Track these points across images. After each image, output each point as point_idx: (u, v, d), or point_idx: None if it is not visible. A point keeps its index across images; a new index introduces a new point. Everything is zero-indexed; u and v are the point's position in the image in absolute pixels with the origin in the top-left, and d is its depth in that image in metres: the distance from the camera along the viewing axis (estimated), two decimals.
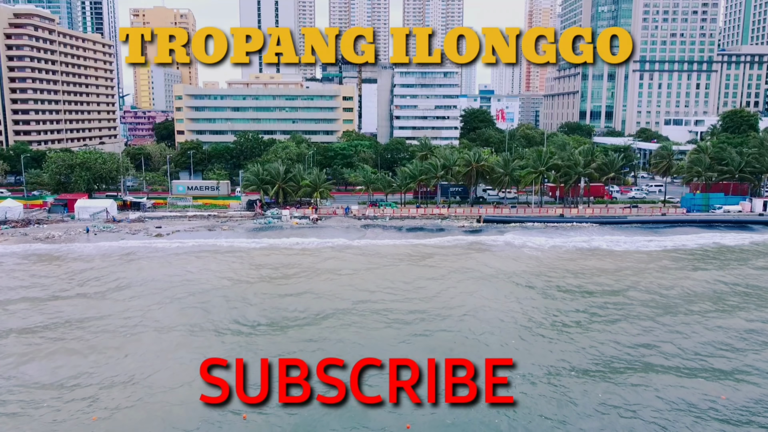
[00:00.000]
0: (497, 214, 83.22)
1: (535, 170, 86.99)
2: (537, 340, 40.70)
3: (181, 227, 77.76)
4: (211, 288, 51.33)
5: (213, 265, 59.15)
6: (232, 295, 49.66)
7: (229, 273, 56.13)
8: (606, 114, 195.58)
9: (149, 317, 44.74)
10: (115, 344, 39.65)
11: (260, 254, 64.27)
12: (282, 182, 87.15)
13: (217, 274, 55.98)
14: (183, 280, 54.13)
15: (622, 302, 48.82)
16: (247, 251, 65.64)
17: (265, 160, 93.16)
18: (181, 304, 48.14)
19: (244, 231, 76.40)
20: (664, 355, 38.25)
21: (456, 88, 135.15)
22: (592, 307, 47.34)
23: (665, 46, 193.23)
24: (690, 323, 43.95)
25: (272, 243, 69.01)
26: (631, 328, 43.00)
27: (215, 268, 57.98)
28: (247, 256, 63.32)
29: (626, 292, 51.46)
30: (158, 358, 37.13)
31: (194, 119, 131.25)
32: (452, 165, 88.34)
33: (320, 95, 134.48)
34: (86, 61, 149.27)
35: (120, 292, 50.12)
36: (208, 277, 55.15)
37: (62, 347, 39.21)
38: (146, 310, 46.15)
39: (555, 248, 68.69)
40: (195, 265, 60.13)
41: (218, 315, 44.72)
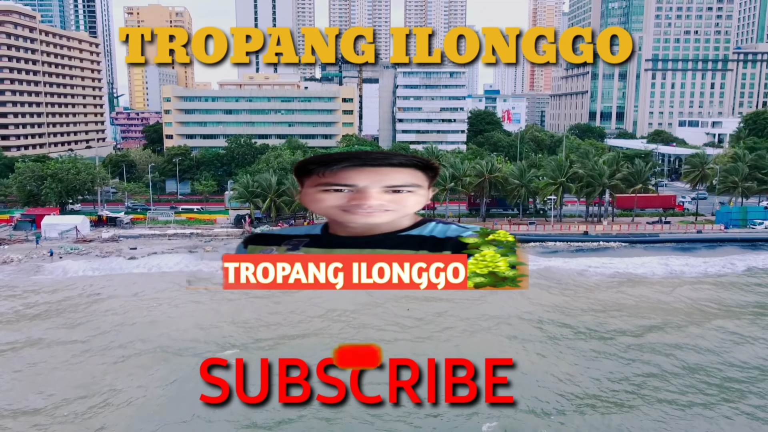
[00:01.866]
0: (514, 232, 73.70)
1: (554, 181, 77.50)
2: (594, 420, 31.21)
3: (159, 248, 68.34)
4: (185, 345, 41.79)
5: (189, 306, 49.59)
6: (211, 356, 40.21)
7: (209, 316, 46.63)
8: (617, 115, 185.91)
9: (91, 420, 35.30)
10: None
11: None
12: (274, 195, 77.69)
13: (195, 318, 46.47)
14: (151, 333, 44.64)
15: (679, 369, 39.28)
16: None
17: (256, 170, 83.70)
18: (142, 377, 38.69)
19: (230, 252, 67.05)
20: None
21: (463, 89, 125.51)
22: (644, 373, 37.80)
23: (678, 44, 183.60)
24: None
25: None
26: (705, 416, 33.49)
27: (190, 311, 48.45)
28: (231, 293, 53.87)
29: (680, 352, 41.95)
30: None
31: (184, 122, 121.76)
32: (462, 175, 78.87)
33: (318, 97, 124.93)
34: (71, 60, 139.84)
35: (65, 347, 40.64)
36: (182, 324, 45.61)
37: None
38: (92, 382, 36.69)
39: (584, 275, 59.23)
40: (169, 300, 50.72)
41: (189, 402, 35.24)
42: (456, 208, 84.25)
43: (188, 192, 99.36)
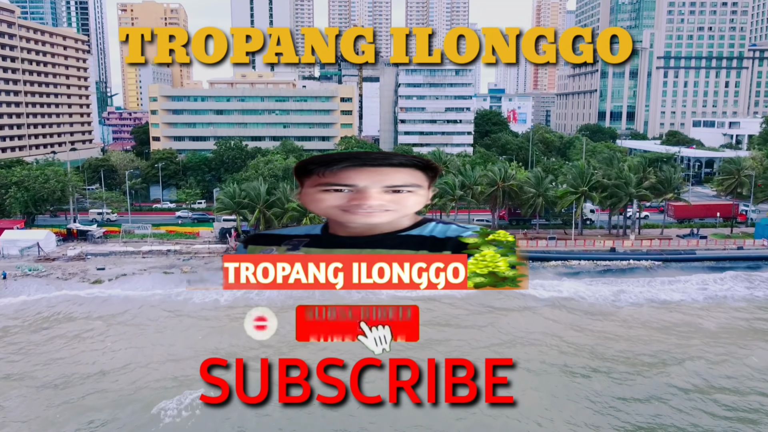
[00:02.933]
0: (531, 249, 64.99)
1: (575, 190, 68.76)
2: None
3: (130, 268, 59.71)
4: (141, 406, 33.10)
5: (154, 349, 40.87)
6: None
7: (176, 373, 37.90)
8: (627, 115, 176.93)
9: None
10: None
11: (226, 318, 46.16)
12: (263, 205, 69.00)
13: (158, 373, 37.75)
14: (103, 387, 36.01)
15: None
16: (210, 310, 47.62)
17: (244, 178, 75.00)
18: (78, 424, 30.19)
19: (210, 273, 58.41)
20: None
21: (470, 88, 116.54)
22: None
23: (692, 40, 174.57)
24: None
25: (247, 296, 50.72)
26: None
27: (157, 357, 39.70)
28: (205, 323, 45.18)
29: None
30: None
31: (171, 124, 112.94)
32: (473, 184, 70.15)
33: (315, 96, 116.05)
34: (55, 57, 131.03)
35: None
36: (143, 377, 36.94)
37: None
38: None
39: (616, 304, 50.59)
40: (131, 340, 42.13)
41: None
42: (466, 217, 75.59)
43: (174, 199, 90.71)
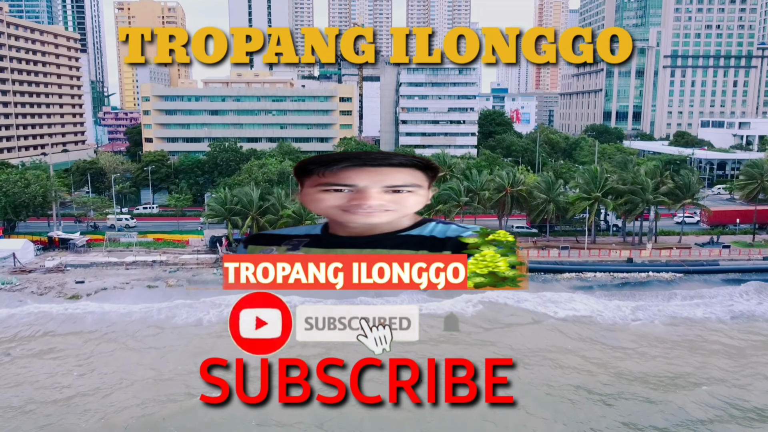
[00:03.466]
0: (542, 259, 60.41)
1: (588, 196, 64.18)
2: None
3: (111, 281, 55.18)
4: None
5: (126, 374, 36.29)
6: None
7: (150, 400, 33.34)
8: (633, 115, 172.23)
9: None
10: None
11: (208, 336, 41.66)
12: (256, 212, 64.50)
13: (130, 399, 33.22)
14: (68, 412, 31.54)
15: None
16: (193, 327, 43.11)
17: (236, 182, 70.47)
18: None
19: (199, 286, 53.91)
20: None
21: (474, 87, 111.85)
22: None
23: (699, 39, 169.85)
24: None
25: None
26: None
27: (130, 381, 35.15)
28: (189, 344, 40.63)
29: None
30: None
31: (164, 125, 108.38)
32: (480, 189, 65.59)
33: (313, 96, 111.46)
34: (46, 56, 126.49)
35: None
36: (114, 404, 32.46)
37: None
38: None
39: (638, 324, 46.04)
40: (103, 363, 37.63)
41: None
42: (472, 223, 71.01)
43: (165, 204, 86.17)
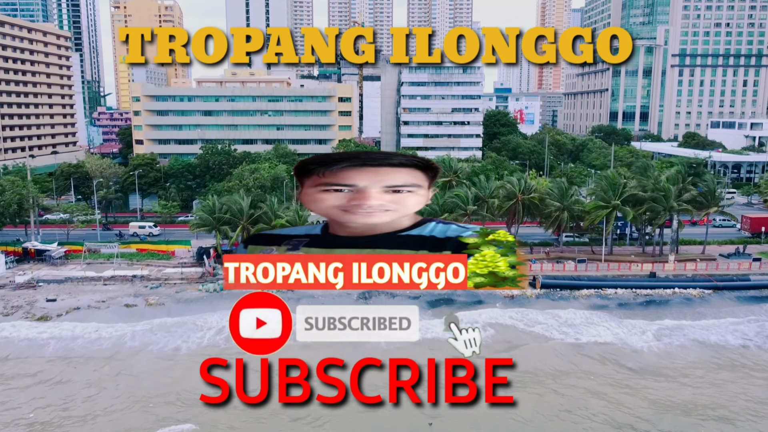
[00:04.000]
0: (557, 273, 55.12)
1: (606, 204, 58.95)
2: None
3: (87, 299, 50.01)
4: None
5: (83, 408, 31.09)
6: None
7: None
8: (640, 115, 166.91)
9: None
10: None
11: (180, 370, 36.46)
12: (247, 221, 59.37)
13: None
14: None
15: None
16: (164, 364, 37.90)
17: (225, 189, 65.29)
18: None
19: (181, 307, 48.65)
20: None
21: (478, 87, 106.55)
22: None
23: (708, 37, 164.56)
24: None
25: (222, 344, 40.51)
26: None
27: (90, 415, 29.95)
28: (157, 382, 35.40)
29: None
30: None
31: (156, 126, 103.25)
32: (488, 196, 60.40)
33: (311, 96, 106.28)
34: (34, 54, 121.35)
35: None
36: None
37: None
38: None
39: (670, 356, 40.89)
40: (60, 397, 32.48)
41: None
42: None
43: (155, 209, 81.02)
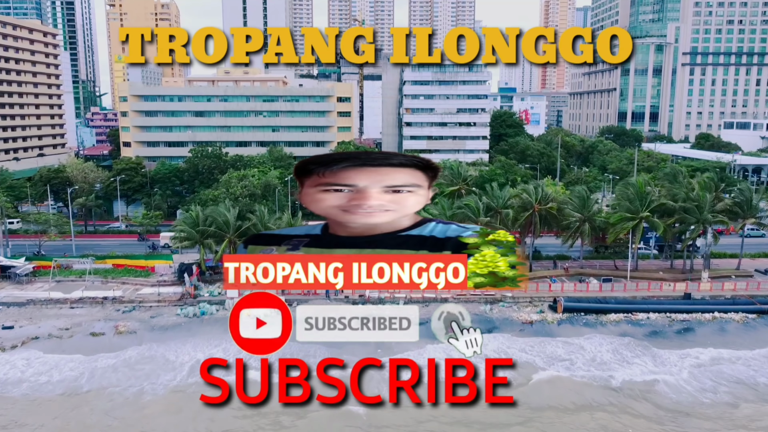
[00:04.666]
0: (579, 294, 48.81)
1: (632, 215, 52.63)
2: None
3: (49, 325, 43.76)
4: None
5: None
6: None
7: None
8: (650, 115, 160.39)
9: None
10: None
11: (149, 417, 30.24)
12: (234, 235, 53.13)
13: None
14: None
15: None
16: (130, 409, 31.69)
17: (211, 198, 59.00)
18: None
19: (155, 335, 42.37)
20: None
21: (485, 86, 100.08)
22: None
23: (720, 35, 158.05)
24: None
25: (193, 389, 34.17)
26: None
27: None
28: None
29: None
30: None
31: (144, 127, 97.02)
32: (502, 207, 54.10)
33: (308, 95, 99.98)
34: (19, 52, 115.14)
35: None
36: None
37: None
38: None
39: (715, 400, 34.66)
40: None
41: None
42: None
43: (135, 219, 74.75)
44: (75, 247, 62.76)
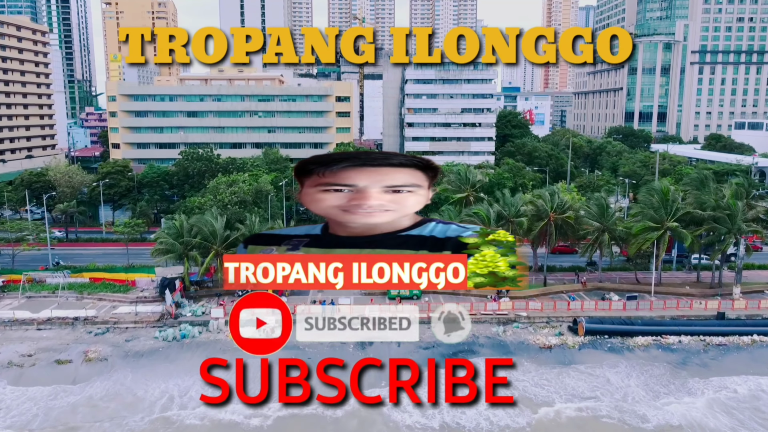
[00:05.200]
0: (602, 311, 43.89)
1: (657, 224, 47.69)
2: None
3: (10, 350, 38.85)
4: None
5: None
6: None
7: None
8: (658, 115, 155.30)
9: None
10: None
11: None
12: (221, 246, 48.27)
13: None
14: None
15: None
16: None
17: (197, 206, 54.06)
18: None
19: (128, 363, 37.49)
20: None
21: (491, 85, 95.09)
22: None
23: (730, 33, 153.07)
24: None
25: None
26: None
27: None
28: None
29: None
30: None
31: (134, 128, 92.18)
32: (514, 216, 49.17)
33: (305, 95, 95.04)
34: (6, 50, 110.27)
35: None
36: None
37: None
38: None
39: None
40: None
41: None
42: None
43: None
44: (52, 257, 57.99)
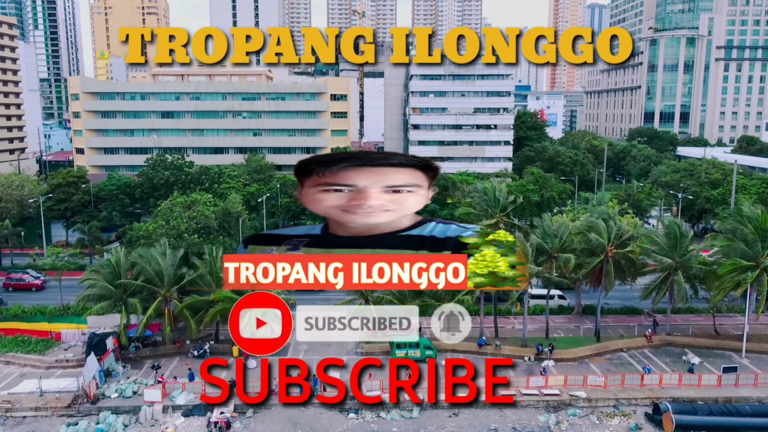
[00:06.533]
0: (690, 388, 31.25)
1: (751, 263, 34.99)
2: None
3: None
4: None
5: None
6: None
7: None
8: (681, 115, 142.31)
9: None
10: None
11: None
12: (169, 291, 35.64)
13: None
14: None
15: None
16: None
17: (143, 234, 41.27)
18: None
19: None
20: None
21: (509, 81, 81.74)
22: None
23: (758, 27, 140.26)
24: None
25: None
26: None
27: None
28: None
29: None
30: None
31: (100, 131, 79.59)
32: (558, 250, 36.42)
33: (296, 92, 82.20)
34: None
35: None
36: None
37: None
38: None
39: None
40: None
41: None
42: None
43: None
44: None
